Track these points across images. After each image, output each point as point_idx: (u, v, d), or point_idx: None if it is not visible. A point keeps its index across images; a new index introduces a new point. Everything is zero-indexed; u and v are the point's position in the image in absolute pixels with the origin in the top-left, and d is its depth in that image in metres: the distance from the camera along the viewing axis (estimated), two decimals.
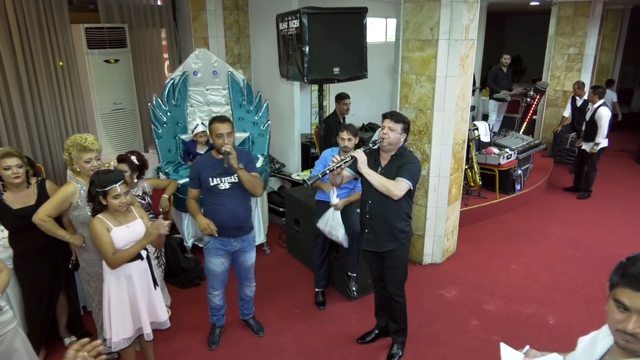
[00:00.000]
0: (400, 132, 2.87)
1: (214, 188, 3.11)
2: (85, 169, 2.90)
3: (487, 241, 5.18)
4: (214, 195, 3.12)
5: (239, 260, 3.35)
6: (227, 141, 3.03)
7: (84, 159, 2.88)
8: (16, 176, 2.88)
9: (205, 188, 3.15)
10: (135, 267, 2.73)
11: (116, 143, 5.67)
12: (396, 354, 3.30)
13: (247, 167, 3.13)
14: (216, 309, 3.43)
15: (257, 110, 4.76)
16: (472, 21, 4.08)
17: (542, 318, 3.80)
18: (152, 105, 4.43)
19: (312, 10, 3.66)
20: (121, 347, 2.76)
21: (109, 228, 2.62)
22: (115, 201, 2.58)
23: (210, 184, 3.10)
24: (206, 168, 3.12)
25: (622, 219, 5.74)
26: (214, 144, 3.09)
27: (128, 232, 2.68)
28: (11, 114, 4.80)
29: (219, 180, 3.10)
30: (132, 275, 2.71)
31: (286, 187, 5.81)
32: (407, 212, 3.01)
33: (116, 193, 2.57)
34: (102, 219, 2.63)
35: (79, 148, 2.88)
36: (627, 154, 8.49)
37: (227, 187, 3.12)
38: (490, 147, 6.12)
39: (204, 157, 3.29)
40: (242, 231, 3.24)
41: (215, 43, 5.85)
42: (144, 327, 2.79)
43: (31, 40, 4.82)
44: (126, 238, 2.67)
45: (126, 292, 2.72)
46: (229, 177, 3.11)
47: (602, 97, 6.25)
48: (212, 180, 3.10)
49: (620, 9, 9.72)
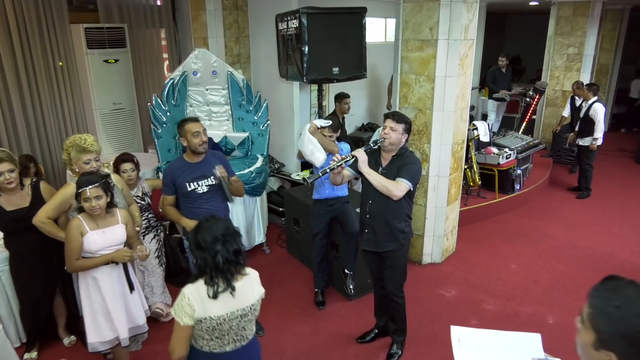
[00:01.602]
0: (402, 132, 2.88)
1: (192, 193, 3.06)
2: (84, 170, 2.86)
3: (486, 241, 5.18)
4: (192, 199, 3.06)
5: None
6: (204, 138, 3.01)
7: (83, 160, 2.86)
8: (9, 182, 2.86)
9: (182, 194, 3.08)
10: (101, 270, 2.65)
11: (116, 143, 5.67)
12: (395, 353, 3.31)
13: (228, 172, 3.13)
14: None
15: (256, 110, 4.76)
16: (471, 21, 4.08)
17: (541, 318, 3.80)
18: (152, 105, 4.43)
19: (312, 10, 3.66)
20: (97, 350, 2.71)
21: (83, 232, 2.56)
22: (85, 204, 2.52)
23: (188, 189, 3.04)
24: (181, 173, 3.05)
25: (622, 219, 5.74)
26: (190, 143, 3.01)
27: (103, 237, 2.61)
28: (11, 114, 4.80)
29: (195, 184, 3.05)
30: (97, 279, 2.64)
31: (286, 187, 5.81)
32: (407, 213, 3.02)
33: (85, 196, 2.50)
34: (80, 220, 2.58)
35: (78, 149, 2.86)
36: (626, 154, 8.49)
37: (205, 191, 3.07)
38: (489, 147, 6.13)
39: (177, 163, 3.18)
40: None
41: (214, 43, 5.85)
42: (119, 332, 2.71)
43: (31, 41, 4.82)
44: (100, 243, 2.60)
45: (96, 296, 2.66)
46: (205, 180, 3.07)
47: (596, 94, 6.35)
48: (189, 185, 3.04)
49: (620, 9, 9.71)
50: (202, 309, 1.84)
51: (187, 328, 1.87)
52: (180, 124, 3.08)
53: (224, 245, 1.86)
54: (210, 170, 3.06)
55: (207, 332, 1.89)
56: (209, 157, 3.10)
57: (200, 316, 1.85)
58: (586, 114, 6.34)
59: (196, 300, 1.84)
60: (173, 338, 1.90)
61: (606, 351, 1.06)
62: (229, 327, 1.91)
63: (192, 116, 3.30)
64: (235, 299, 1.89)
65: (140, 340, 3.15)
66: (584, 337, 1.12)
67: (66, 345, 3.41)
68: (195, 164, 3.06)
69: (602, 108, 6.24)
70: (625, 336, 1.03)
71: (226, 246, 1.86)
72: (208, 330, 1.89)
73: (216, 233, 1.86)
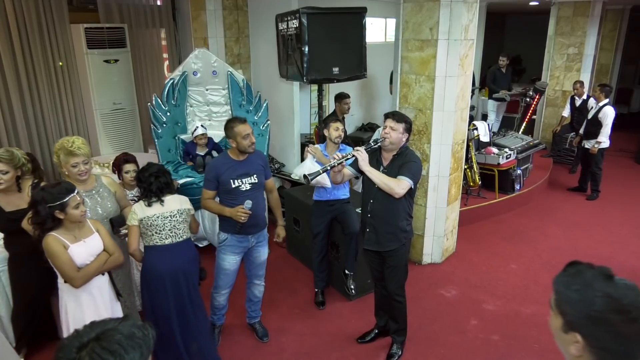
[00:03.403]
0: (402, 131, 2.88)
1: (236, 190, 3.10)
2: (72, 174, 2.80)
3: (486, 241, 5.18)
4: (235, 196, 3.10)
5: (253, 256, 3.36)
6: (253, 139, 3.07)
7: (70, 163, 2.77)
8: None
9: (224, 190, 3.13)
10: (97, 281, 2.60)
11: (116, 143, 5.67)
12: (395, 353, 3.30)
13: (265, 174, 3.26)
14: (219, 308, 3.43)
15: (256, 110, 4.76)
16: (471, 21, 4.08)
17: (541, 318, 3.80)
18: (152, 105, 4.43)
19: (312, 10, 3.66)
20: None
21: (65, 246, 2.44)
22: (77, 210, 2.42)
23: (232, 185, 3.09)
24: (226, 170, 3.09)
25: (622, 219, 5.74)
26: (240, 145, 3.05)
27: (86, 247, 2.53)
28: (11, 114, 4.80)
29: (240, 182, 3.10)
30: (93, 292, 2.57)
31: (286, 187, 5.81)
32: (408, 212, 3.02)
33: (77, 202, 2.42)
34: (56, 236, 2.43)
35: (65, 152, 2.76)
36: (627, 154, 8.49)
37: (248, 188, 3.12)
38: (489, 147, 6.13)
39: (221, 159, 3.22)
40: (259, 227, 3.28)
41: (214, 43, 5.85)
42: None
43: (31, 41, 4.83)
44: (85, 254, 2.51)
45: (88, 310, 2.56)
46: (249, 178, 3.13)
47: (608, 96, 6.22)
48: (233, 182, 3.09)
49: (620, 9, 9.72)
50: (142, 212, 2.84)
51: (135, 228, 2.84)
52: (228, 126, 3.08)
53: (157, 179, 2.86)
54: (253, 168, 3.14)
55: (148, 229, 2.84)
56: (251, 155, 3.16)
57: (141, 216, 2.83)
58: (595, 115, 6.22)
59: (138, 208, 2.86)
60: (128, 238, 2.88)
61: (573, 332, 1.15)
62: (163, 224, 2.85)
63: (239, 117, 3.27)
64: (163, 207, 2.87)
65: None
66: (554, 322, 1.22)
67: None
68: (240, 161, 3.11)
69: (613, 112, 6.11)
70: (587, 316, 1.11)
71: (158, 179, 2.86)
72: (149, 227, 2.83)
73: (151, 171, 2.88)
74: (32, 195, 2.52)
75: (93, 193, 2.93)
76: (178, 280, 2.88)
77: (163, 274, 2.85)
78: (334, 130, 3.63)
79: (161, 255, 2.86)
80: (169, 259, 2.86)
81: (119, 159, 3.57)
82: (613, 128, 6.20)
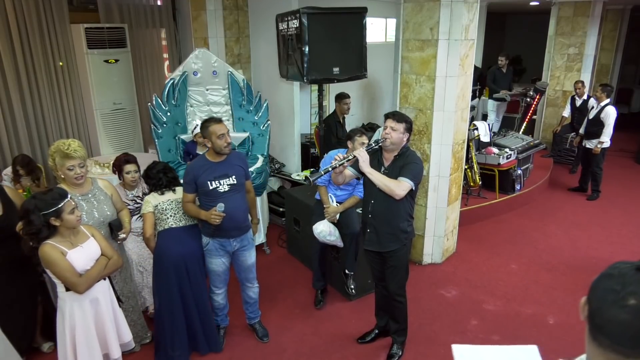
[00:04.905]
0: (403, 131, 2.87)
1: (213, 191, 3.06)
2: (68, 177, 2.74)
3: (486, 241, 5.18)
4: (213, 198, 3.07)
5: (239, 260, 3.33)
6: (229, 140, 3.04)
7: (66, 166, 2.72)
8: None
9: (203, 192, 3.09)
10: (100, 287, 2.56)
11: (116, 143, 5.67)
12: (396, 353, 3.30)
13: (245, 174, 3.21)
14: (220, 308, 3.42)
15: (257, 110, 4.76)
16: (471, 21, 4.08)
17: (541, 318, 3.80)
18: (152, 105, 4.42)
19: (312, 10, 3.66)
20: None
21: (63, 252, 2.39)
22: (72, 215, 2.38)
23: (209, 187, 3.05)
24: (203, 172, 3.06)
25: (622, 219, 5.74)
26: (215, 145, 3.02)
27: (84, 252, 2.48)
28: (11, 114, 4.80)
29: (217, 183, 3.06)
30: (99, 298, 2.54)
31: (286, 187, 5.81)
32: (409, 212, 3.01)
33: (72, 207, 2.38)
34: (53, 244, 2.37)
35: (61, 155, 2.71)
36: (627, 154, 8.49)
37: (227, 190, 3.08)
38: (490, 147, 6.12)
39: (199, 161, 3.18)
40: (241, 231, 3.23)
41: (215, 43, 5.85)
42: (111, 352, 2.61)
43: (31, 41, 4.82)
44: (84, 259, 2.46)
45: (92, 318, 2.52)
46: (227, 180, 3.08)
47: (609, 96, 6.22)
48: (210, 183, 3.05)
49: (620, 9, 9.72)
50: (155, 200, 3.16)
51: (150, 214, 3.13)
52: (203, 125, 3.07)
53: (165, 174, 3.24)
54: (232, 170, 3.10)
55: (164, 213, 3.14)
56: (230, 157, 3.12)
57: (155, 203, 3.15)
58: (597, 115, 6.20)
59: (152, 198, 3.17)
60: (144, 225, 3.17)
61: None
62: (177, 208, 3.18)
63: (215, 117, 3.25)
64: (176, 194, 3.23)
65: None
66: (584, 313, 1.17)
67: (46, 351, 3.30)
68: (217, 163, 3.08)
69: (615, 112, 6.09)
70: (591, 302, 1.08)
71: (167, 175, 3.24)
72: (164, 212, 3.14)
73: (159, 168, 3.25)
74: (23, 204, 2.43)
75: (89, 197, 2.88)
76: (192, 261, 3.14)
77: (181, 254, 3.09)
78: (359, 145, 3.54)
79: (176, 237, 3.12)
80: (183, 240, 3.13)
81: (120, 159, 3.56)
82: (614, 128, 6.19)
